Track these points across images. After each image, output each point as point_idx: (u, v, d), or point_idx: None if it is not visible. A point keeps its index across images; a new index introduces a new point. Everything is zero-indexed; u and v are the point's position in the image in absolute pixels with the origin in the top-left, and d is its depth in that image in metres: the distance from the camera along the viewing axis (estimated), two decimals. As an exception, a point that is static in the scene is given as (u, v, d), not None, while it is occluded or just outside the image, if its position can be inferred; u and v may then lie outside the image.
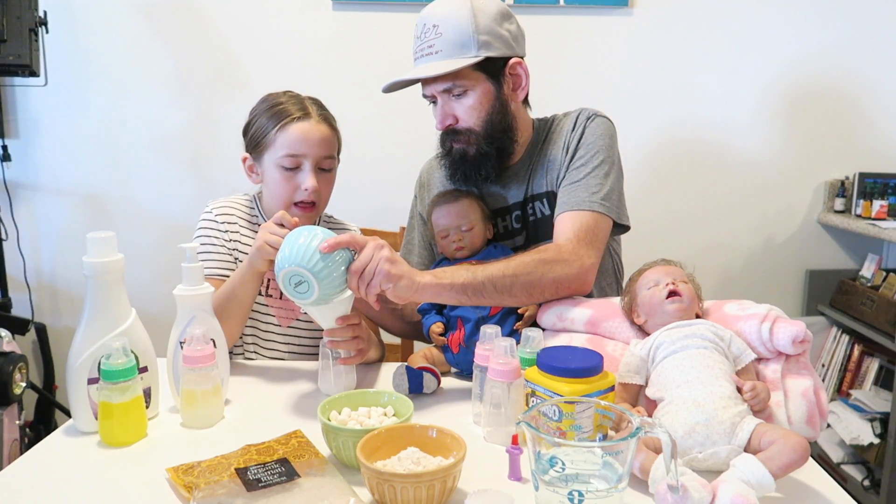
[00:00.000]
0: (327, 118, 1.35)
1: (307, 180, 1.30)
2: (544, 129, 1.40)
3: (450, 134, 1.32)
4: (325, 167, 1.34)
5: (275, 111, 1.31)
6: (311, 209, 1.34)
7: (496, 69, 1.27)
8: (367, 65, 2.29)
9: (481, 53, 1.23)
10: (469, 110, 1.28)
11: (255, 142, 1.34)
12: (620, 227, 1.33)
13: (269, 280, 1.37)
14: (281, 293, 1.36)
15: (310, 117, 1.31)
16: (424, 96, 1.33)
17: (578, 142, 1.31)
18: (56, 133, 2.33)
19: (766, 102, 2.36)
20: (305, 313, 1.34)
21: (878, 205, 2.27)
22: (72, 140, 2.33)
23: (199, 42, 2.29)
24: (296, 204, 1.33)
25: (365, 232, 1.85)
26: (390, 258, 1.03)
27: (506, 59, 1.28)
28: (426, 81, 1.28)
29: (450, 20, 1.22)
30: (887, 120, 2.38)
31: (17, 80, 2.20)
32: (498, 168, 1.33)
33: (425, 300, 1.16)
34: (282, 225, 1.15)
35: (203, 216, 1.38)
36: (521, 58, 1.32)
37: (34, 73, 1.99)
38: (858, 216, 2.31)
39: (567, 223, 1.25)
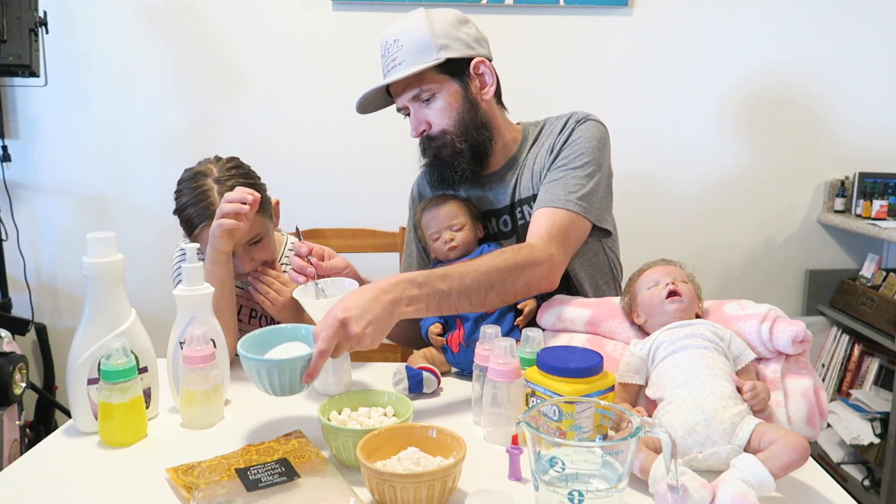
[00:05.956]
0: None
1: (240, 266, 1.27)
2: (534, 132, 1.38)
3: (425, 140, 1.32)
4: (255, 241, 1.27)
5: (185, 218, 1.26)
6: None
7: (460, 69, 1.28)
8: (367, 65, 2.27)
9: (442, 55, 1.25)
10: (440, 112, 1.29)
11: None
12: (602, 231, 1.31)
13: None
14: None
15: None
16: (399, 110, 1.34)
17: (565, 143, 1.30)
18: (56, 133, 2.33)
19: (766, 101, 2.36)
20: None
21: (878, 205, 2.27)
22: (72, 140, 2.33)
23: (198, 42, 2.28)
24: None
25: (365, 232, 1.86)
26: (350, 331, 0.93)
27: (468, 60, 1.29)
28: (397, 94, 1.30)
29: (408, 31, 1.26)
30: (888, 119, 2.38)
31: (17, 81, 2.21)
32: (476, 169, 1.32)
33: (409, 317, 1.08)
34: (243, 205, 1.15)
35: (178, 256, 1.36)
36: (487, 59, 1.32)
37: (34, 74, 1.99)
38: (858, 216, 2.31)
39: (542, 220, 1.23)
